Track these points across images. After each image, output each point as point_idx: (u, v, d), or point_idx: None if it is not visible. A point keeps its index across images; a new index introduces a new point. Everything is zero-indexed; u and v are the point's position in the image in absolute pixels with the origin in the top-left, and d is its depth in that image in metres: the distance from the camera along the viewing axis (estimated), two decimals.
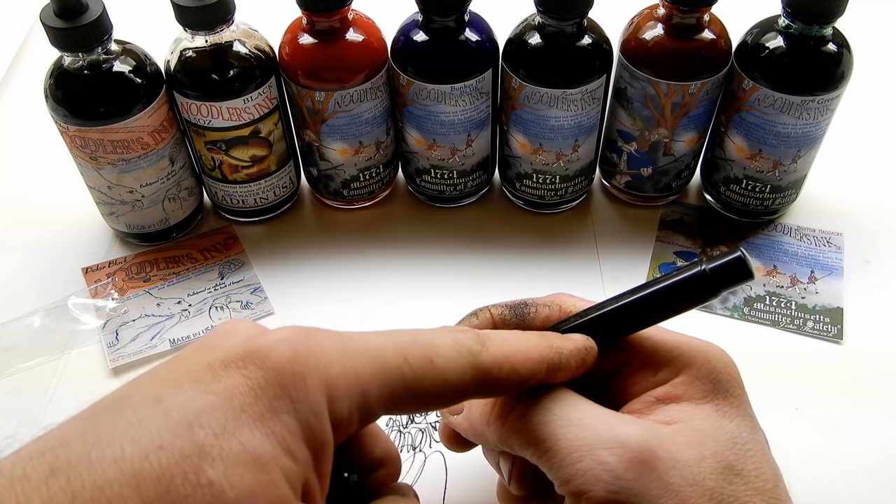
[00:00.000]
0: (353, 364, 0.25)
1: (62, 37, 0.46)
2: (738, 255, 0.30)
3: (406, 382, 0.26)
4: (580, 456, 0.28)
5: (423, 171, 0.58)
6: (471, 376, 0.27)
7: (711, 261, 0.31)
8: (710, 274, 0.31)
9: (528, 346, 0.30)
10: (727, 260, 0.31)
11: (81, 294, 0.55)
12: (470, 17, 0.51)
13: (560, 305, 0.35)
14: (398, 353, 0.26)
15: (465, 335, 0.28)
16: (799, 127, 0.51)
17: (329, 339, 0.26)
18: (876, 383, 0.49)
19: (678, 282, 0.31)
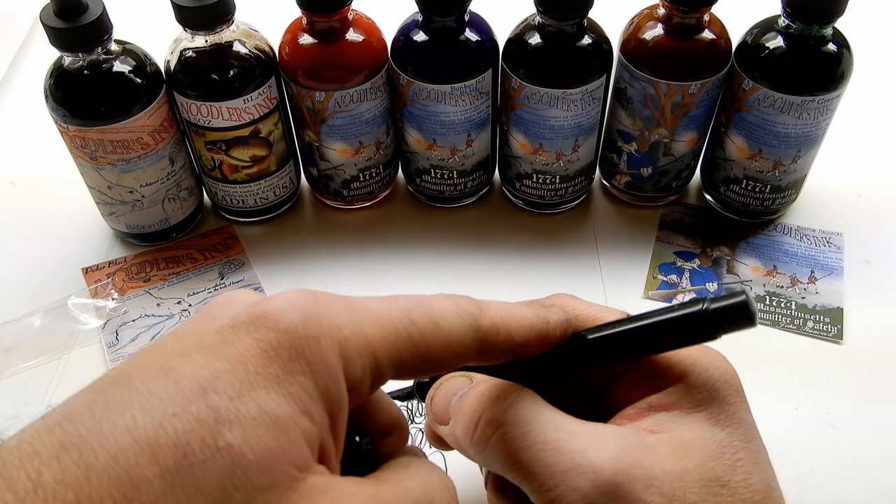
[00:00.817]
0: (363, 326, 0.25)
1: (62, 37, 0.46)
2: (741, 299, 0.29)
3: (414, 344, 0.26)
4: (556, 483, 0.28)
5: (423, 171, 0.58)
6: (472, 339, 0.27)
7: (715, 300, 0.29)
8: (711, 314, 0.29)
9: (520, 313, 0.30)
10: (730, 303, 0.29)
11: (81, 294, 0.55)
12: (470, 17, 0.51)
13: (562, 307, 0.34)
14: (404, 315, 0.26)
15: (464, 300, 0.28)
16: (799, 127, 0.51)
17: (337, 302, 0.25)
18: (876, 383, 0.49)
19: (675, 318, 0.30)
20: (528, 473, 0.29)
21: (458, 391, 0.33)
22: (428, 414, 0.35)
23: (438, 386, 0.34)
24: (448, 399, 0.33)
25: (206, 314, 0.25)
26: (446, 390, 0.34)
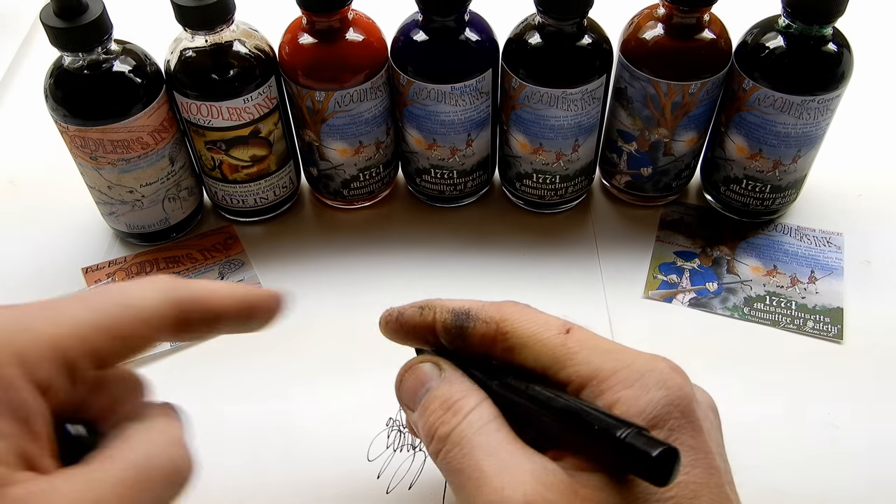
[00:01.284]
0: (40, 330, 0.26)
1: (62, 37, 0.46)
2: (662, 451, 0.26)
3: (106, 330, 0.27)
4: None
5: (423, 171, 0.58)
6: (169, 308, 0.29)
7: (638, 436, 0.27)
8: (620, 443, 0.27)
9: (217, 286, 0.32)
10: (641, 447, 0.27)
11: None
12: (470, 17, 0.51)
13: (498, 324, 0.34)
14: (86, 308, 0.27)
15: (162, 278, 0.30)
16: (799, 127, 0.51)
17: (8, 312, 0.26)
18: (876, 383, 0.49)
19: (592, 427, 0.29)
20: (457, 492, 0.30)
21: (426, 383, 0.34)
22: (397, 396, 0.36)
23: (407, 370, 0.35)
24: (416, 389, 0.34)
25: None
26: (415, 381, 0.34)
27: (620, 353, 0.31)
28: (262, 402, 0.49)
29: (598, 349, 0.32)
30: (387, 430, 0.47)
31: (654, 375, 0.30)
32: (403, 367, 0.35)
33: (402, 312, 0.37)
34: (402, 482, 0.45)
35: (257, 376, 0.51)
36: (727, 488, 0.30)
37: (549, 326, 0.33)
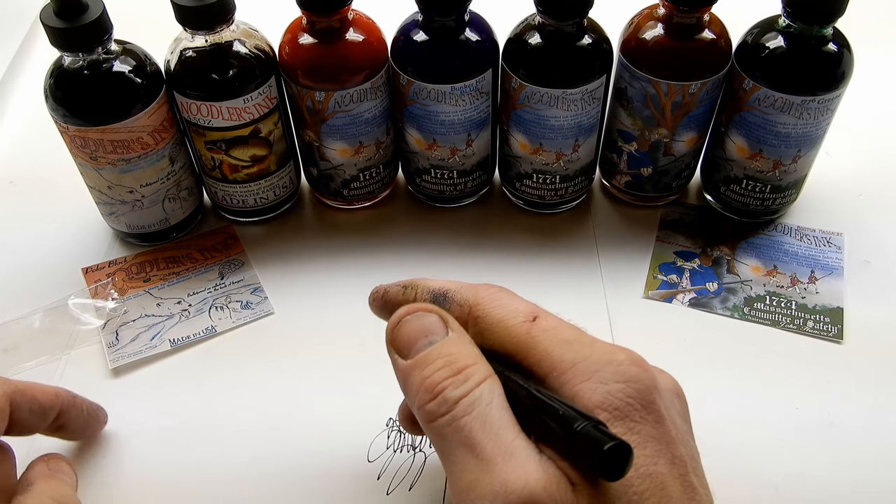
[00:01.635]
0: None
1: (62, 37, 0.46)
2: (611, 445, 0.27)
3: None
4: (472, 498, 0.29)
5: (423, 171, 0.58)
6: (4, 401, 0.38)
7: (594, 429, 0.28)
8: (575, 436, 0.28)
9: (46, 387, 0.42)
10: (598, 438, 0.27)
11: (81, 294, 0.55)
12: (470, 17, 0.51)
13: (471, 308, 0.34)
14: None
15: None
16: (799, 127, 0.51)
17: None
18: (876, 383, 0.49)
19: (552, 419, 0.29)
20: (451, 473, 0.30)
21: (430, 335, 0.32)
22: (387, 341, 0.33)
23: (410, 313, 0.33)
24: (417, 338, 0.32)
25: None
26: (419, 328, 0.33)
27: (580, 345, 0.31)
28: (261, 403, 0.49)
29: (559, 339, 0.32)
30: (387, 430, 0.47)
31: (611, 367, 0.30)
32: (404, 309, 0.33)
33: (387, 290, 0.38)
34: (402, 483, 0.45)
35: (257, 377, 0.51)
36: (691, 477, 0.30)
37: (516, 313, 0.33)
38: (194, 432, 0.48)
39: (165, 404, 0.49)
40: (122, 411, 0.48)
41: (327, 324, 0.53)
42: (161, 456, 0.47)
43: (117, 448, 0.47)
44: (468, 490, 0.29)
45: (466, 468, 0.29)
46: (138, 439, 0.47)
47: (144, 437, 0.47)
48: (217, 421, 0.48)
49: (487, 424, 0.29)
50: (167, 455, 0.47)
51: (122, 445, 0.47)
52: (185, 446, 0.47)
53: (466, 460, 0.29)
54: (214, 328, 0.53)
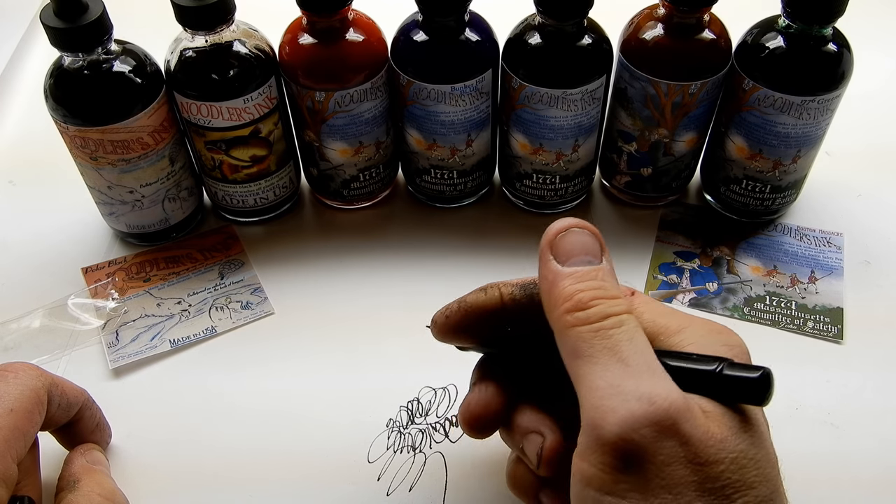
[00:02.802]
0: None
1: (62, 37, 0.46)
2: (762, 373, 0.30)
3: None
4: (613, 394, 0.30)
5: (423, 171, 0.58)
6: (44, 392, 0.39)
7: (733, 366, 0.31)
8: (722, 377, 0.30)
9: (72, 383, 0.42)
10: (747, 375, 0.30)
11: (81, 294, 0.55)
12: (470, 17, 0.51)
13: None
14: None
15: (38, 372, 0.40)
16: (799, 127, 0.51)
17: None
18: (876, 383, 0.49)
19: (687, 368, 0.31)
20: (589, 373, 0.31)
21: (589, 255, 0.35)
22: (546, 241, 0.35)
23: (575, 224, 0.35)
24: (577, 252, 0.34)
25: None
26: (582, 245, 0.35)
27: (681, 315, 0.35)
28: (261, 403, 0.49)
29: (660, 311, 0.35)
30: (387, 431, 0.47)
31: (715, 334, 0.33)
32: (570, 221, 0.35)
33: (462, 299, 0.38)
34: (402, 484, 0.45)
35: (257, 377, 0.51)
36: None
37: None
38: (194, 432, 0.48)
39: (165, 404, 0.49)
40: (122, 411, 0.48)
41: (327, 324, 0.53)
42: (161, 456, 0.47)
43: (117, 448, 0.47)
44: (610, 387, 0.30)
45: (610, 370, 0.30)
46: (138, 439, 0.47)
47: (144, 437, 0.47)
48: (217, 421, 0.48)
49: (634, 342, 0.31)
50: (167, 455, 0.47)
51: (122, 445, 0.47)
52: (185, 446, 0.47)
53: (611, 364, 0.31)
54: (214, 328, 0.53)
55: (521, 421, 0.37)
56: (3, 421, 0.37)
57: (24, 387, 0.38)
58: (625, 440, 0.29)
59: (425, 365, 0.50)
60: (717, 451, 0.29)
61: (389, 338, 0.52)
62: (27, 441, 0.38)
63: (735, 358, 0.32)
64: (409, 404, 0.49)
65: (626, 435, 0.29)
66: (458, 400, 0.49)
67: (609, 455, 0.29)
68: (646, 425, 0.29)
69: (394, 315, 0.53)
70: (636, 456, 0.29)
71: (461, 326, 0.38)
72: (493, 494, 0.44)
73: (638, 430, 0.29)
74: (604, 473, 0.29)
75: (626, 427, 0.29)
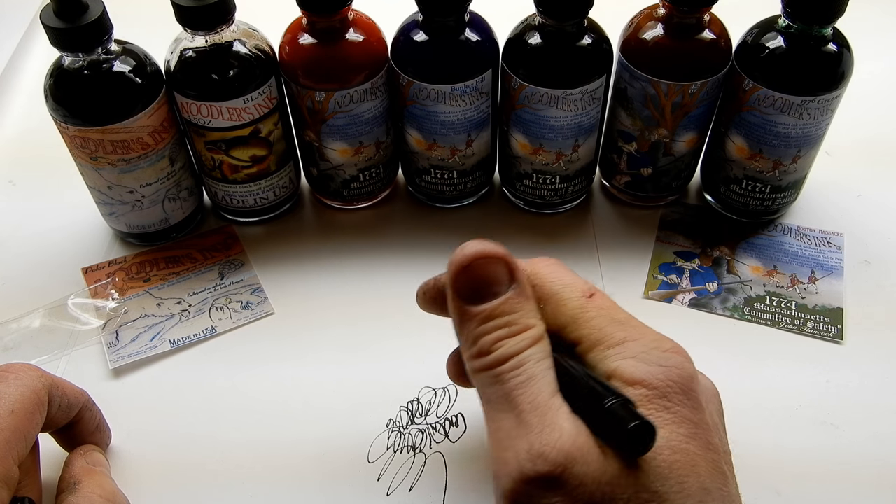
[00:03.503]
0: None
1: (62, 37, 0.46)
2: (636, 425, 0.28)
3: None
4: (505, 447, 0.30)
5: (423, 171, 0.58)
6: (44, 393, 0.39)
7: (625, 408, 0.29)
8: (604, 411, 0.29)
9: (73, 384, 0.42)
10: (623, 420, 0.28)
11: (81, 294, 0.55)
12: (470, 17, 0.51)
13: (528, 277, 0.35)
14: None
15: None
16: (799, 127, 0.51)
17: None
18: (876, 383, 0.49)
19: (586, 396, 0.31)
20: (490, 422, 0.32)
21: (494, 286, 0.33)
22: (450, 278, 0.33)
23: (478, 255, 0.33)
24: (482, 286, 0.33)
25: None
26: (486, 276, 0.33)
27: (631, 327, 0.33)
28: (261, 404, 0.49)
29: (613, 318, 0.34)
30: (387, 431, 0.47)
31: (657, 352, 0.32)
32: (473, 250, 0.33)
33: (438, 277, 0.39)
34: (402, 484, 0.45)
35: (257, 377, 0.51)
36: (723, 465, 0.31)
37: (573, 288, 0.35)
38: (194, 433, 0.48)
39: (165, 404, 0.49)
40: (122, 411, 0.48)
41: (327, 324, 0.53)
42: (161, 456, 0.47)
43: (117, 449, 0.47)
44: (505, 440, 0.30)
45: (505, 421, 0.31)
46: (138, 439, 0.47)
47: (144, 437, 0.47)
48: (217, 421, 0.48)
49: (530, 385, 0.31)
50: (167, 455, 0.47)
51: (122, 446, 0.47)
52: (185, 447, 0.47)
53: (506, 414, 0.31)
54: (214, 328, 0.53)
55: None
56: (3, 422, 0.37)
57: (25, 388, 0.38)
58: (517, 494, 0.30)
59: (425, 365, 0.50)
60: (611, 489, 0.29)
61: (389, 338, 0.52)
62: (28, 442, 0.38)
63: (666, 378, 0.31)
64: (409, 404, 0.49)
65: (517, 489, 0.30)
66: (457, 400, 0.49)
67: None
68: (533, 480, 0.29)
69: (394, 315, 0.53)
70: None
71: (438, 302, 0.39)
72: (492, 495, 0.44)
73: (526, 489, 0.29)
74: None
75: (515, 484, 0.30)
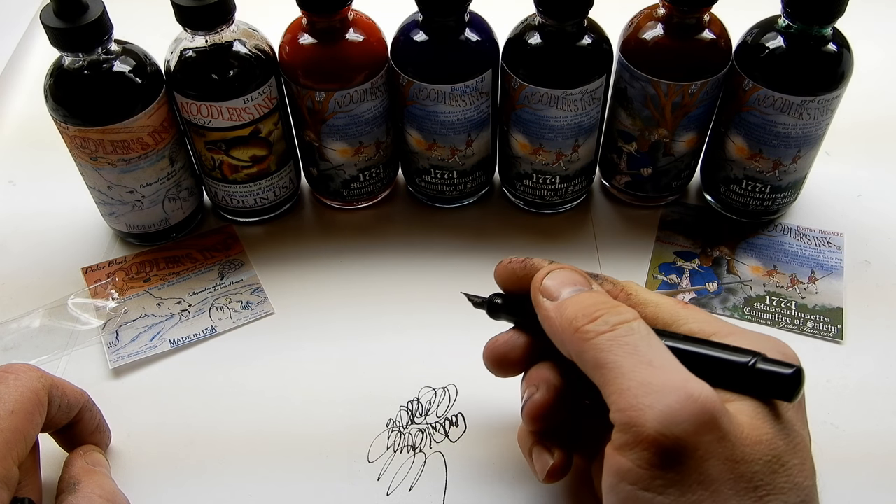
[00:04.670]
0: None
1: (62, 37, 0.46)
2: (795, 370, 0.31)
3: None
4: (646, 392, 0.30)
5: (423, 171, 0.58)
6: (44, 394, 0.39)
7: (766, 361, 0.32)
8: (755, 371, 0.31)
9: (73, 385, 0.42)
10: (780, 371, 0.31)
11: (81, 294, 0.55)
12: (470, 17, 0.51)
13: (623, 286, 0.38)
14: None
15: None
16: (799, 127, 0.51)
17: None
18: (876, 383, 0.49)
19: (720, 358, 0.32)
20: (618, 375, 0.31)
21: (577, 285, 0.36)
22: (534, 287, 0.37)
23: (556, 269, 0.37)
24: (566, 284, 0.36)
25: None
26: (567, 278, 0.37)
27: (724, 322, 0.36)
28: (261, 404, 0.49)
29: (711, 318, 0.36)
30: (387, 431, 0.47)
31: (770, 341, 0.34)
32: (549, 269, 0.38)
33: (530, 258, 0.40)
34: (402, 484, 0.45)
35: (257, 377, 0.51)
36: None
37: (663, 295, 0.38)
38: (194, 433, 0.48)
39: (165, 404, 0.49)
40: (122, 411, 0.48)
41: (327, 324, 0.53)
42: (161, 456, 0.47)
43: (117, 449, 0.47)
44: (643, 386, 0.30)
45: (638, 370, 0.31)
46: (138, 439, 0.47)
47: (144, 437, 0.47)
48: (217, 421, 0.48)
49: (651, 345, 0.32)
50: (167, 455, 0.47)
51: (122, 446, 0.47)
52: (185, 446, 0.47)
53: (637, 365, 0.31)
54: (214, 328, 0.53)
55: (531, 372, 0.39)
56: (3, 423, 0.37)
57: (25, 388, 0.38)
58: (665, 436, 0.29)
59: (425, 365, 0.50)
60: (752, 450, 0.30)
61: (389, 338, 0.52)
62: (28, 443, 0.38)
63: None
64: (409, 404, 0.49)
65: (667, 430, 0.29)
66: (457, 400, 0.49)
67: (648, 451, 0.29)
68: (686, 419, 0.29)
69: (394, 315, 0.53)
70: (676, 451, 0.29)
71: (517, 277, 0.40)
72: (493, 494, 0.44)
73: (679, 425, 0.29)
74: (641, 469, 0.30)
75: (666, 422, 0.29)
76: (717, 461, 0.29)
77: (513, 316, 0.41)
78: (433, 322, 0.53)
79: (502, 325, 0.42)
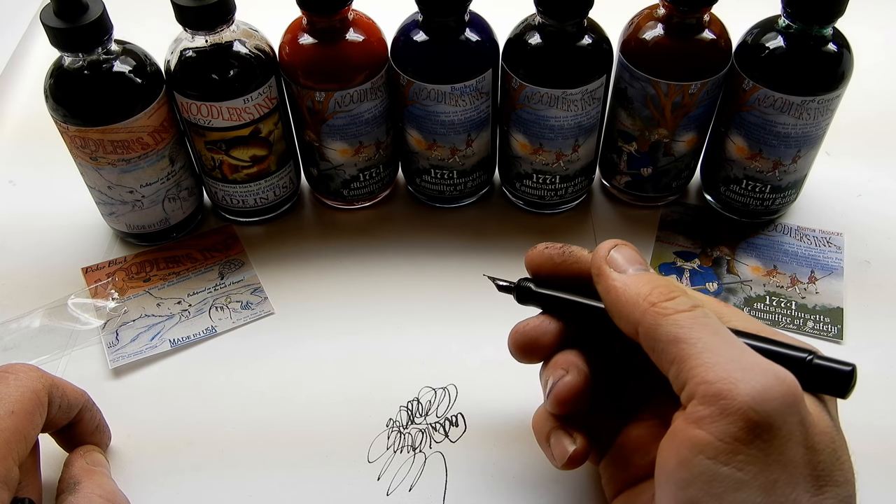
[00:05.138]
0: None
1: (62, 37, 0.46)
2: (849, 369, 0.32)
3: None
4: (736, 368, 0.30)
5: (423, 171, 0.58)
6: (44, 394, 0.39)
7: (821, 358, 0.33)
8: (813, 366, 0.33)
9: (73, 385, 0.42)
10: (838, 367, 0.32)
11: (81, 294, 0.55)
12: (470, 17, 0.51)
13: None
14: None
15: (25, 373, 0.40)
16: (799, 127, 0.51)
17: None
18: (876, 383, 0.49)
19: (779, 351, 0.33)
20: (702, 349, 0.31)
21: (641, 265, 0.37)
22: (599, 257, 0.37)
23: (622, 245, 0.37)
24: (631, 262, 0.36)
25: None
26: (632, 256, 0.37)
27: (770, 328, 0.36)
28: (261, 403, 0.49)
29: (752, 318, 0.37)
30: (387, 431, 0.47)
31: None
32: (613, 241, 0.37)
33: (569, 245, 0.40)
34: (402, 484, 0.45)
35: (257, 377, 0.51)
36: None
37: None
38: (194, 433, 0.48)
39: (165, 404, 0.49)
40: (122, 411, 0.48)
41: (327, 324, 0.53)
42: (161, 456, 0.47)
43: (117, 449, 0.47)
44: (732, 361, 0.30)
45: (725, 346, 0.31)
46: (138, 439, 0.47)
47: (144, 437, 0.47)
48: (217, 421, 0.48)
49: (727, 330, 0.33)
50: (167, 455, 0.47)
51: (122, 446, 0.47)
52: (185, 446, 0.47)
53: (722, 343, 0.31)
54: (214, 328, 0.53)
55: (558, 357, 0.38)
56: (4, 423, 0.37)
57: (25, 388, 0.38)
58: (756, 411, 0.29)
59: (425, 365, 0.50)
60: (821, 439, 0.30)
61: (389, 338, 0.52)
62: (28, 443, 0.38)
63: None
64: (409, 404, 0.49)
65: (759, 406, 0.29)
66: (458, 400, 0.49)
67: (736, 425, 0.29)
68: (776, 398, 0.29)
69: (394, 315, 0.53)
70: (763, 428, 0.29)
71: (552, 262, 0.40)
72: (492, 494, 0.44)
73: (770, 402, 0.29)
74: (723, 443, 0.29)
75: (758, 398, 0.29)
76: (796, 444, 0.29)
77: (542, 302, 0.41)
78: (433, 322, 0.53)
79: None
